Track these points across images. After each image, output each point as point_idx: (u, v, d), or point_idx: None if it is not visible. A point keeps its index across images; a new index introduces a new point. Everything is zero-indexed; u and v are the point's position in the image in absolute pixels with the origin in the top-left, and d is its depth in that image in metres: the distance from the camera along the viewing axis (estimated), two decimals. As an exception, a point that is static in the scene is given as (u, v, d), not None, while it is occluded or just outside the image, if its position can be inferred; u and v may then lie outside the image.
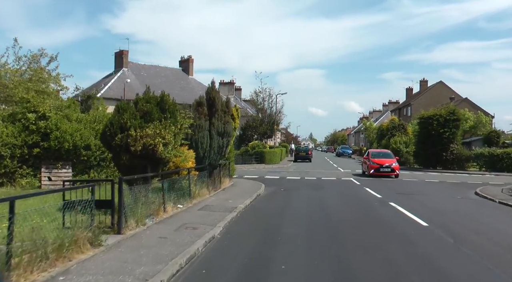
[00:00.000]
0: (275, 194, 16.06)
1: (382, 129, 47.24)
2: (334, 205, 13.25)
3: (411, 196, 15.79)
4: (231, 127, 14.90)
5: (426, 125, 34.68)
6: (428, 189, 19.05)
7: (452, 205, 13.87)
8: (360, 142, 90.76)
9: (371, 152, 27.44)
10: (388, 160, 25.10)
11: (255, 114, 51.25)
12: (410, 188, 18.92)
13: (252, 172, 27.70)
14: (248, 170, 30.87)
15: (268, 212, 11.76)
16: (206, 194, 13.69)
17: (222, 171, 16.85)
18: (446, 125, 33.94)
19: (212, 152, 14.15)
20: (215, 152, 14.27)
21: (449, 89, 63.80)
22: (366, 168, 25.85)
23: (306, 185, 19.67)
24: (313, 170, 31.71)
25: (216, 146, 14.26)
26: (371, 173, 24.37)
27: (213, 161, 14.36)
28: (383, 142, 43.92)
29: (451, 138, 34.17)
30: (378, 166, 24.39)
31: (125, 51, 45.46)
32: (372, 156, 25.85)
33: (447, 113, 34.28)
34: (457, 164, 34.23)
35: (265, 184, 19.29)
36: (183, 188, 11.99)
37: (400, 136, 40.95)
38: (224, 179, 17.21)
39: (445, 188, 19.65)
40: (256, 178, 23.51)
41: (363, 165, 27.46)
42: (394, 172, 24.48)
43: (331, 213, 11.64)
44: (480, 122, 52.10)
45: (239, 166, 34.15)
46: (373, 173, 24.33)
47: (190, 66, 50.74)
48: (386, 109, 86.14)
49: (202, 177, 13.70)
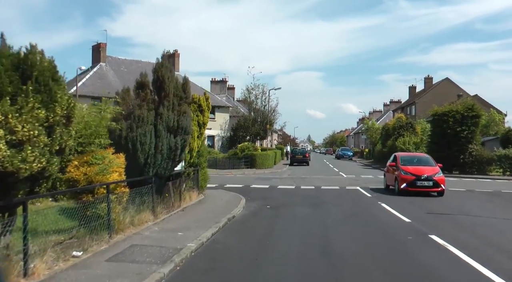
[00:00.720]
0: (256, 215, 11.38)
1: (387, 129, 42.52)
2: (343, 241, 8.27)
3: (453, 219, 10.97)
4: (189, 120, 10.23)
5: (440, 123, 30.10)
6: (466, 204, 14.28)
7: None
8: (360, 143, 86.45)
9: (400, 156, 18.05)
10: (428, 169, 16.27)
11: (247, 114, 46.60)
12: (440, 203, 14.24)
13: (237, 180, 23.01)
14: (234, 176, 26.20)
15: (232, 261, 6.93)
16: (148, 221, 9.03)
17: (184, 183, 12.21)
18: (463, 123, 29.38)
19: (159, 156, 9.50)
20: (164, 156, 9.61)
21: (456, 86, 59.34)
22: (392, 180, 17.19)
23: (301, 199, 14.99)
24: (311, 175, 27.05)
25: (166, 147, 9.61)
26: (403, 189, 15.78)
27: (161, 170, 9.70)
28: (389, 143, 39.25)
29: (470, 137, 29.61)
30: (413, 178, 15.76)
31: (103, 44, 40.64)
32: (402, 162, 16.90)
33: (464, 109, 29.72)
34: (477, 167, 29.66)
35: (248, 197, 14.69)
36: (100, 216, 7.33)
37: (409, 136, 36.30)
38: (189, 194, 12.57)
39: (486, 202, 14.98)
40: (241, 187, 18.87)
41: (386, 175, 18.69)
42: (438, 187, 15.63)
43: (339, 264, 6.73)
44: (493, 120, 47.60)
45: (226, 171, 29.51)
46: (405, 188, 15.74)
47: (176, 62, 45.89)
48: (388, 109, 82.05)
49: (142, 195, 9.05)
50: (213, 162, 32.62)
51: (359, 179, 24.33)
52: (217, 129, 42.66)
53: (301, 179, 23.68)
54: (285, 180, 23.40)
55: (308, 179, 23.72)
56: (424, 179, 15.74)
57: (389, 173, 17.95)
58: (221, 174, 27.27)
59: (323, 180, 23.45)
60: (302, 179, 23.70)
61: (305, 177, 25.30)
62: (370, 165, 43.35)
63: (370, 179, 24.68)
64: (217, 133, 42.81)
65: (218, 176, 25.67)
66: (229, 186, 19.14)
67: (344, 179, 24.36)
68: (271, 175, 27.74)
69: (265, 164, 33.15)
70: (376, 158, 47.30)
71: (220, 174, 27.68)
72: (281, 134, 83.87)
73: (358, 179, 24.33)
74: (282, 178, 24.96)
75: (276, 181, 22.13)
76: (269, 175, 27.33)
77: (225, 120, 43.51)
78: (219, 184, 19.82)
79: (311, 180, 23.34)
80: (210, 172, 29.07)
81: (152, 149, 9.39)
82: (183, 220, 9.77)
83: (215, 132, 42.47)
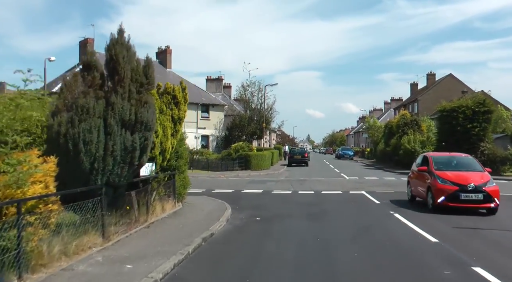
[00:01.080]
0: (241, 232, 9.13)
1: (390, 127, 40.22)
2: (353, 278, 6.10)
3: (492, 238, 8.60)
4: (153, 113, 7.95)
5: (449, 119, 27.85)
6: (500, 213, 11.70)
7: None
8: (361, 143, 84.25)
9: (432, 157, 13.14)
10: (475, 175, 11.79)
11: (243, 112, 44.32)
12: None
13: (229, 183, 20.76)
14: (227, 178, 23.95)
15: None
16: (93, 246, 6.77)
17: (154, 191, 9.96)
18: (474, 119, 27.14)
19: (110, 159, 7.23)
20: (118, 159, 7.35)
21: (460, 83, 57.10)
22: (423, 190, 12.56)
23: (298, 208, 12.73)
24: (311, 177, 24.80)
25: (120, 148, 7.35)
26: (441, 203, 11.39)
27: (114, 177, 7.43)
28: (393, 141, 37.00)
29: (481, 135, 27.36)
30: (456, 189, 11.27)
31: (90, 40, 38.26)
32: (436, 166, 12.35)
33: (475, 104, 27.47)
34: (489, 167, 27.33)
35: (236, 206, 12.51)
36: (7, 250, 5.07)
37: (414, 135, 34.03)
38: (161, 204, 10.31)
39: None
40: (230, 192, 16.64)
41: (411, 183, 13.98)
42: (491, 201, 11.26)
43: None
44: (500, 117, 45.41)
45: (219, 173, 27.23)
46: (443, 203, 11.35)
47: (168, 58, 43.70)
48: (388, 107, 79.96)
49: (85, 211, 6.79)
50: (205, 163, 30.38)
51: (363, 181, 22.10)
52: (212, 129, 40.39)
53: (299, 182, 21.43)
54: (281, 183, 21.14)
55: (307, 182, 21.48)
56: (471, 190, 11.14)
57: (417, 180, 13.18)
58: (212, 177, 25.03)
59: (324, 182, 21.22)
60: (300, 182, 21.45)
61: (304, 179, 23.06)
62: (373, 165, 41.08)
63: (375, 181, 22.46)
64: (211, 133, 40.52)
65: (209, 179, 23.45)
66: (217, 191, 16.89)
67: (346, 181, 22.12)
68: (267, 177, 25.48)
69: (261, 165, 30.88)
70: (379, 157, 45.07)
71: (212, 176, 25.45)
72: (280, 134, 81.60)
73: (362, 181, 22.10)
74: (279, 180, 22.70)
75: (271, 185, 19.87)
76: (264, 177, 25.07)
77: (220, 119, 41.19)
78: (207, 189, 17.58)
79: (311, 182, 21.11)
80: (201, 175, 27.00)
81: (100, 149, 7.13)
82: (143, 242, 7.51)
83: (209, 132, 40.22)
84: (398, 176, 26.00)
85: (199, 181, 22.13)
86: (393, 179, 24.01)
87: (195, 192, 16.01)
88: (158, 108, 10.25)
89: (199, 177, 24.70)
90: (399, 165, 34.31)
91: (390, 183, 21.01)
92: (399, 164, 34.50)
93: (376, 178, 24.65)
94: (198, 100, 39.63)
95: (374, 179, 23.94)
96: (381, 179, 23.95)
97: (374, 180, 23.36)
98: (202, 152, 34.12)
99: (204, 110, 40.42)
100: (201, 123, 39.59)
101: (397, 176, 26.00)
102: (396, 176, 26.01)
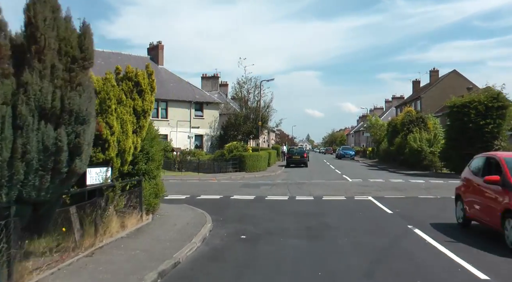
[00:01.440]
0: (217, 260, 6.90)
1: (394, 125, 37.99)
2: None
3: None
4: (89, 99, 5.71)
5: (460, 116, 25.67)
6: None
7: None
8: (362, 142, 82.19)
9: (506, 159, 8.10)
10: None
11: (238, 110, 42.09)
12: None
13: (218, 187, 18.54)
14: (218, 182, 21.73)
15: None
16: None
17: (109, 205, 7.75)
18: (488, 116, 24.96)
19: (20, 164, 5.02)
20: (34, 164, 5.14)
21: (464, 79, 54.87)
22: (489, 210, 8.04)
23: (294, 221, 10.49)
24: (310, 180, 22.60)
25: (36, 148, 5.14)
26: None
27: (30, 191, 5.21)
28: (397, 140, 34.81)
29: (495, 132, 25.18)
30: None
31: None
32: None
33: (489, 98, 25.28)
34: (504, 167, 25.21)
35: (220, 218, 10.40)
36: None
37: (420, 133, 31.84)
38: (120, 220, 8.10)
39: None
40: (217, 199, 14.46)
41: (464, 198, 9.31)
42: None
43: None
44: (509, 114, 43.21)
45: (210, 175, 24.98)
46: None
47: (160, 54, 41.45)
48: (390, 105, 77.87)
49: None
50: (196, 164, 28.16)
51: (368, 184, 19.92)
52: (206, 128, 38.20)
53: (297, 186, 19.22)
54: (277, 187, 18.91)
55: (306, 185, 19.27)
56: None
57: (477, 196, 8.71)
58: (203, 180, 22.82)
59: (325, 186, 19.02)
60: (298, 186, 19.23)
61: (303, 182, 20.85)
62: (376, 165, 38.89)
63: (381, 184, 20.28)
64: (205, 133, 38.33)
65: (198, 183, 21.25)
66: (203, 198, 14.70)
67: (350, 185, 19.92)
68: (262, 180, 23.26)
69: (257, 166, 28.65)
70: (381, 157, 42.90)
71: (202, 179, 23.25)
72: (278, 133, 79.34)
73: (367, 184, 19.92)
74: (275, 184, 20.47)
75: (266, 189, 17.65)
76: (259, 180, 22.86)
77: (215, 118, 38.98)
78: (191, 195, 15.40)
79: (310, 186, 18.90)
80: (191, 177, 24.67)
81: (4, 151, 4.91)
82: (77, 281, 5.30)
83: (203, 131, 38.02)
84: (405, 178, 23.84)
85: (187, 184, 19.96)
86: (401, 181, 21.84)
87: (176, 199, 13.87)
88: (116, 98, 8.05)
89: (188, 180, 22.53)
90: (404, 165, 32.17)
91: (398, 186, 18.83)
92: (404, 164, 32.36)
93: (381, 180, 22.46)
94: (191, 98, 37.48)
95: (379, 181, 21.75)
96: (387, 181, 21.77)
97: (380, 182, 21.18)
98: (195, 152, 31.92)
99: (198, 108, 38.23)
100: (195, 122, 37.42)
101: (404, 178, 23.84)
102: (403, 178, 23.84)
